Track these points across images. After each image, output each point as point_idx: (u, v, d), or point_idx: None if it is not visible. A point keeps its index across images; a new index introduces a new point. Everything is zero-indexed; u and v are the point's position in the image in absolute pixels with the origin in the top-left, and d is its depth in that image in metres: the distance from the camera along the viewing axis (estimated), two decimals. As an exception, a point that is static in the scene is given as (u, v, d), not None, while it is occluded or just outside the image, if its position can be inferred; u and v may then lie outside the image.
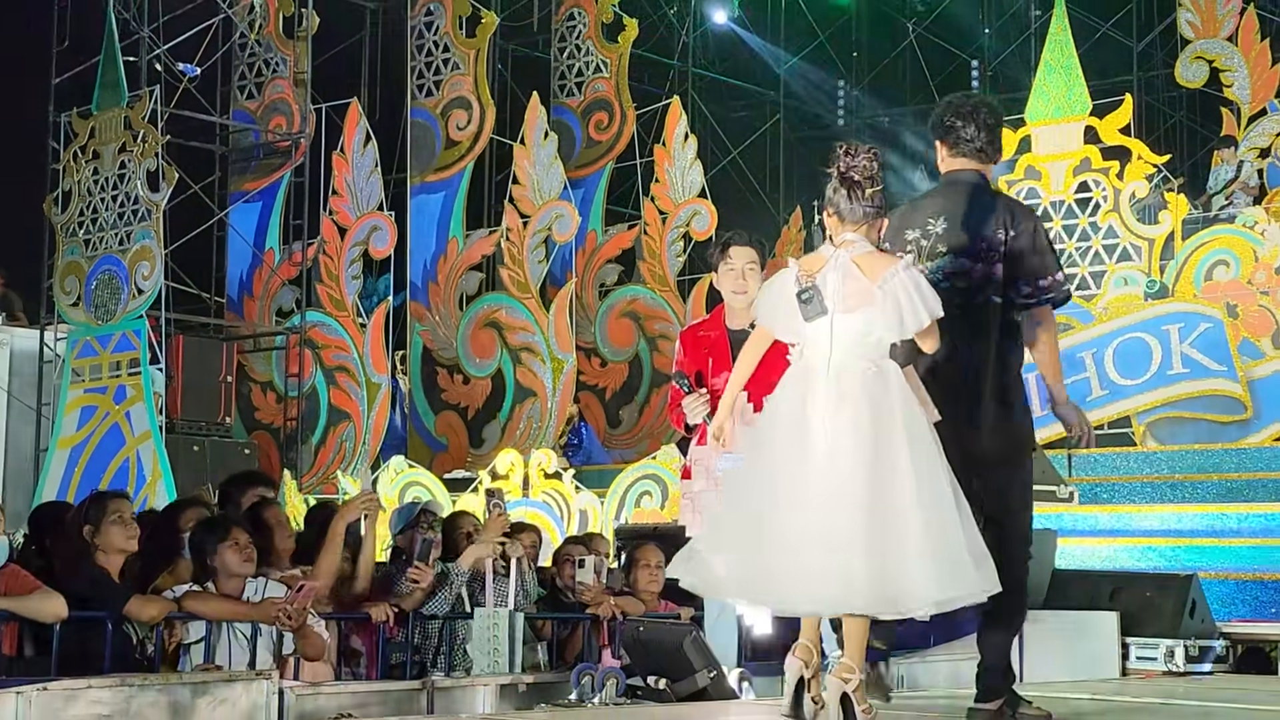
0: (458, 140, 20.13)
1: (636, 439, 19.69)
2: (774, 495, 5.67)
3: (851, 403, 5.67)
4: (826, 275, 5.79)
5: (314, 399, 19.45)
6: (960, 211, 6.30)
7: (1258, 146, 19.94)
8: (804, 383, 5.77)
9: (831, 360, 5.74)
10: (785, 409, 5.78)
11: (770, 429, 5.84)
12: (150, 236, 16.73)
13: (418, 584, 8.47)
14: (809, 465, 5.62)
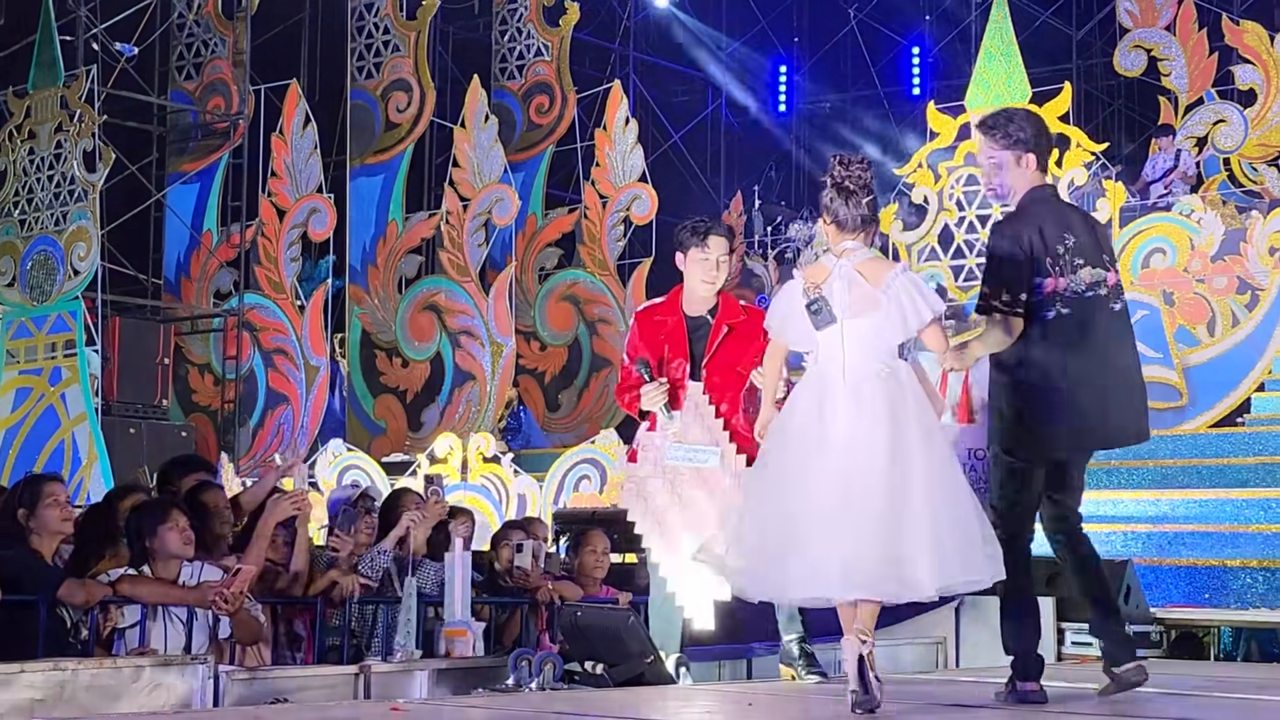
0: (398, 123, 20.05)
1: (575, 423, 19.67)
2: (806, 498, 6.00)
3: (870, 408, 6.01)
4: (833, 284, 6.10)
5: (252, 381, 19.36)
6: (1077, 223, 6.61)
7: (1195, 135, 20.07)
8: (821, 387, 6.11)
9: (846, 365, 6.07)
10: (805, 414, 6.11)
11: (793, 433, 6.15)
12: (86, 217, 16.61)
13: (337, 553, 8.44)
14: (836, 468, 5.96)
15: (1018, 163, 6.63)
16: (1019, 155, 6.62)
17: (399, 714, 5.82)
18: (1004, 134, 6.64)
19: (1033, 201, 6.58)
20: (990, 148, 6.68)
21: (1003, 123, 6.68)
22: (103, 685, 6.56)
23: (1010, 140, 6.63)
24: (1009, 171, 6.63)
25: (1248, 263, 17.48)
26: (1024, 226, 6.49)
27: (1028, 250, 6.42)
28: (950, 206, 19.60)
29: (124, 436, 16.99)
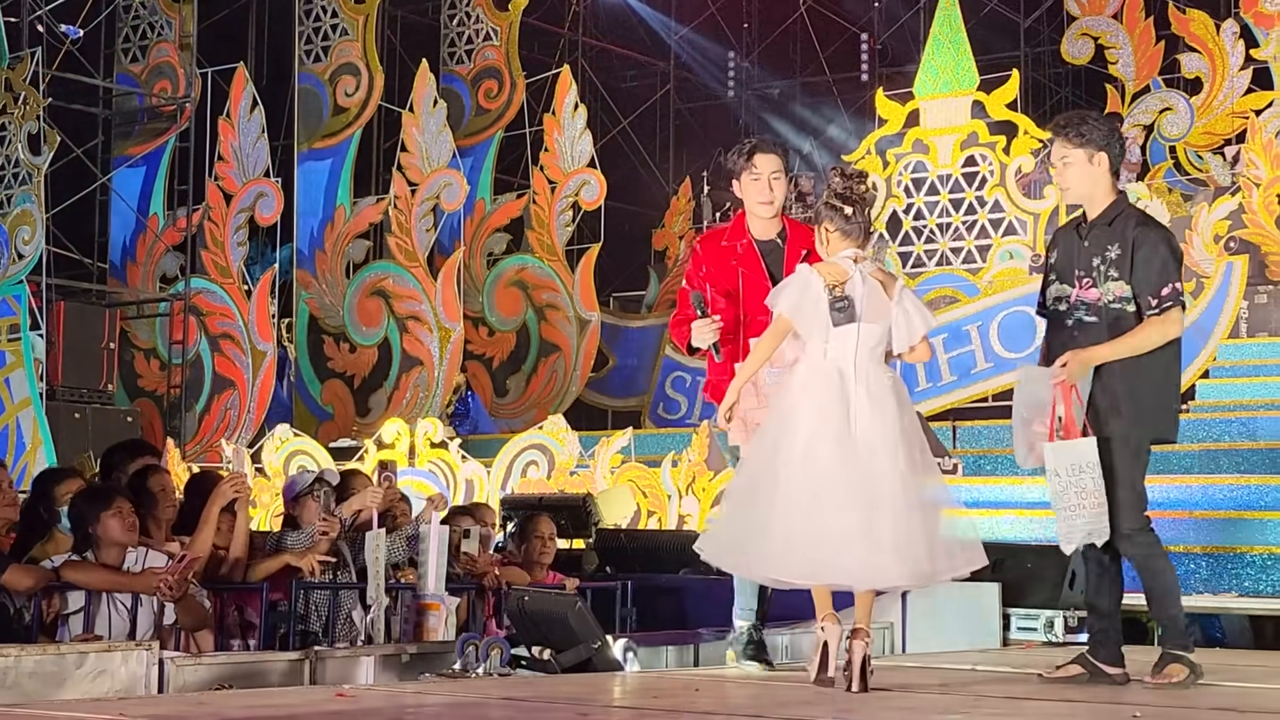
0: (346, 107, 19.99)
1: (523, 408, 19.66)
2: (818, 487, 6.34)
3: (881, 404, 6.42)
4: (856, 287, 6.45)
5: (198, 366, 19.29)
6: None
7: (1141, 123, 20.16)
8: (838, 381, 6.43)
9: (857, 363, 6.44)
10: (826, 401, 6.41)
11: (810, 417, 6.43)
12: (31, 200, 16.50)
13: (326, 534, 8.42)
14: (856, 460, 6.33)
15: (1090, 160, 6.90)
16: (1091, 154, 6.89)
17: (345, 700, 5.81)
18: (1077, 133, 6.91)
19: (1143, 212, 7.07)
20: (1064, 146, 6.94)
21: (1076, 122, 6.97)
22: (46, 672, 6.51)
23: (1084, 139, 6.89)
24: (1081, 169, 6.91)
25: (1193, 250, 17.59)
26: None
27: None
28: (898, 193, 19.66)
29: (69, 421, 16.90)
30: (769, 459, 6.49)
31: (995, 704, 6.06)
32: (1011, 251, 18.97)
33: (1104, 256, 6.86)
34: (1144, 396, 6.85)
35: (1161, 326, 6.79)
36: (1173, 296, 6.78)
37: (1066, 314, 6.96)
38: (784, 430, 6.46)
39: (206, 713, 5.23)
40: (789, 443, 6.42)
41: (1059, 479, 6.82)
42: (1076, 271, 6.93)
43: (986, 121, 19.31)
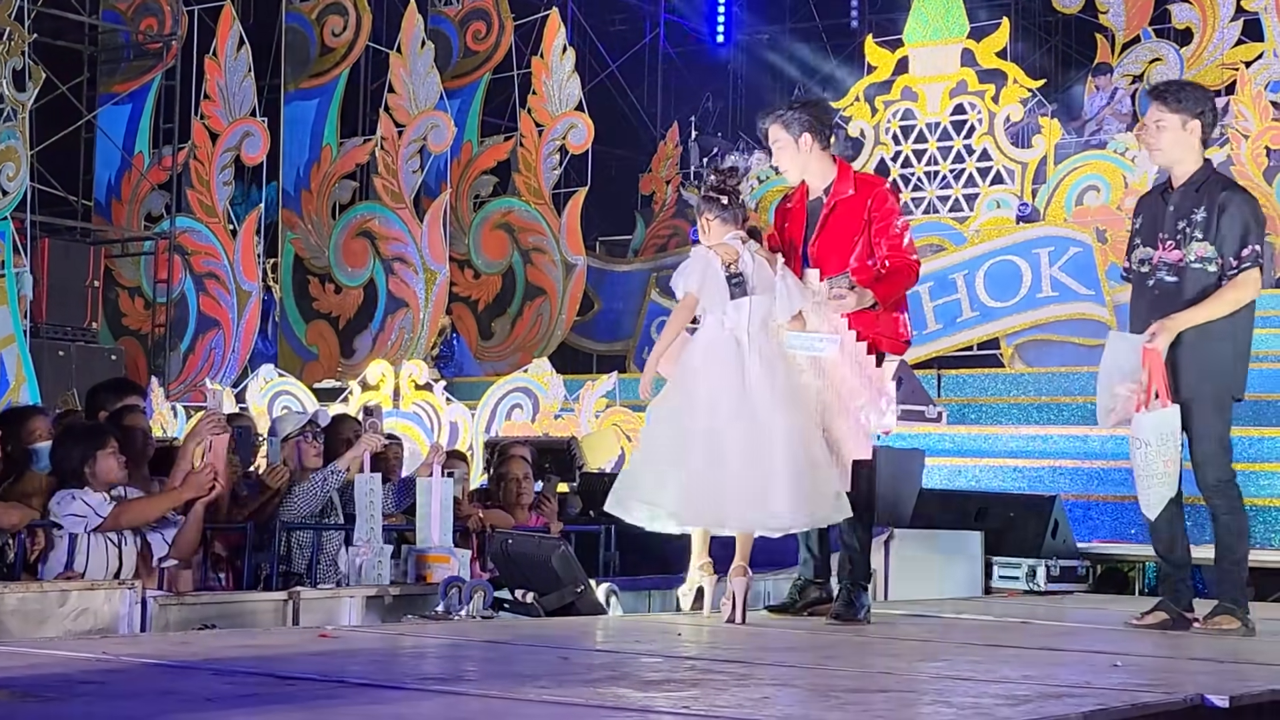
0: (333, 46, 19.89)
1: (508, 351, 19.64)
2: (718, 441, 6.91)
3: (772, 367, 7.03)
4: (746, 264, 7.10)
5: (183, 305, 19.25)
6: None
7: (1131, 74, 20.11)
8: (728, 347, 7.04)
9: (750, 331, 7.04)
10: (717, 366, 7.04)
11: (713, 377, 7.04)
12: (16, 137, 16.42)
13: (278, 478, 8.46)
14: (745, 414, 6.93)
15: (1183, 127, 7.14)
16: (1185, 120, 7.14)
17: (328, 640, 5.81)
18: (1175, 99, 7.17)
19: (1229, 177, 7.38)
20: (1160, 110, 7.18)
21: (1175, 89, 7.29)
22: (29, 610, 6.52)
23: (1180, 105, 7.15)
24: (1174, 134, 7.15)
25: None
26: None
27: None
28: (886, 141, 19.63)
29: (53, 359, 16.87)
30: (672, 417, 7.09)
31: (979, 651, 6.08)
32: (999, 200, 18.95)
33: (1190, 219, 7.08)
34: (1225, 355, 7.05)
35: (1240, 289, 7.00)
36: (1252, 258, 6.99)
37: (1148, 275, 7.19)
38: (686, 391, 7.08)
39: (190, 653, 5.23)
40: (690, 402, 7.03)
41: (1149, 448, 6.96)
42: (1160, 234, 7.16)
43: (976, 70, 19.27)
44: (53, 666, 4.77)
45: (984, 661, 5.63)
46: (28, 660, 4.90)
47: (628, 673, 4.90)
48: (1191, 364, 6.98)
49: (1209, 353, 7.00)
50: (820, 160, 7.37)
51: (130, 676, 4.63)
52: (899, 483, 10.23)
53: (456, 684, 4.56)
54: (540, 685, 4.56)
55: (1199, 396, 6.99)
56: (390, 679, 4.62)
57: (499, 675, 4.82)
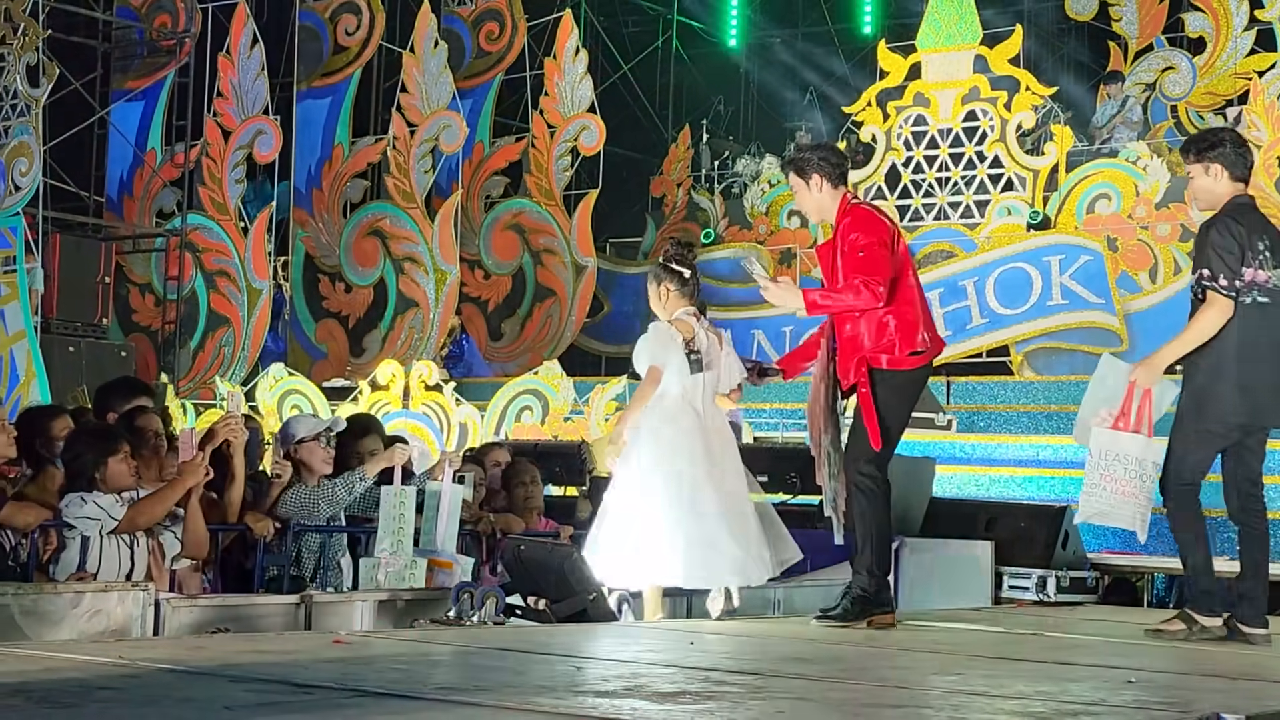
0: (346, 45, 19.91)
1: (518, 352, 19.66)
2: (699, 503, 7.53)
3: (723, 435, 7.85)
4: (701, 340, 7.75)
5: (193, 303, 19.26)
6: (1272, 230, 7.58)
7: (1143, 82, 20.11)
8: (690, 417, 7.69)
9: (704, 402, 7.74)
10: (684, 436, 7.65)
11: (682, 448, 7.63)
12: (29, 132, 16.44)
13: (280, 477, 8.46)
14: (715, 478, 7.60)
15: (1206, 173, 7.50)
16: (1206, 166, 7.50)
17: (342, 645, 5.82)
18: (1196, 151, 7.56)
19: (1235, 206, 7.47)
20: (1187, 165, 7.62)
21: (1193, 142, 7.74)
22: (42, 611, 6.52)
23: (1199, 155, 7.52)
24: (1200, 181, 7.55)
25: (1191, 211, 17.54)
26: (1233, 223, 7.40)
27: (1240, 243, 7.36)
28: (898, 146, 19.63)
29: (63, 354, 16.88)
30: (648, 481, 7.54)
31: (991, 664, 6.08)
32: (1010, 207, 18.95)
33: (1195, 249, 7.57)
34: (1209, 386, 7.37)
35: (1207, 310, 7.33)
36: (1209, 279, 7.29)
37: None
38: (658, 457, 7.58)
39: (205, 657, 5.24)
40: (666, 467, 7.54)
41: (1091, 459, 7.48)
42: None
43: (988, 76, 19.26)
44: (69, 671, 4.77)
45: (997, 675, 5.62)
46: (44, 664, 4.90)
47: (642, 684, 4.90)
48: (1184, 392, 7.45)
49: (1194, 386, 7.39)
50: (832, 199, 7.68)
51: (148, 682, 4.63)
52: (909, 491, 10.22)
53: (473, 694, 4.56)
54: (556, 696, 4.57)
55: (1180, 416, 7.44)
56: (407, 688, 4.63)
57: (514, 685, 4.82)
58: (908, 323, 7.55)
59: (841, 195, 7.68)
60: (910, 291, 7.62)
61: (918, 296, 7.67)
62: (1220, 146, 7.51)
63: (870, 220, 7.61)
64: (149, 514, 7.51)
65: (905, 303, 7.58)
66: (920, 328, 7.59)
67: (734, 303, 19.83)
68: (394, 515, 8.05)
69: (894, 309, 7.52)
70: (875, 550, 7.58)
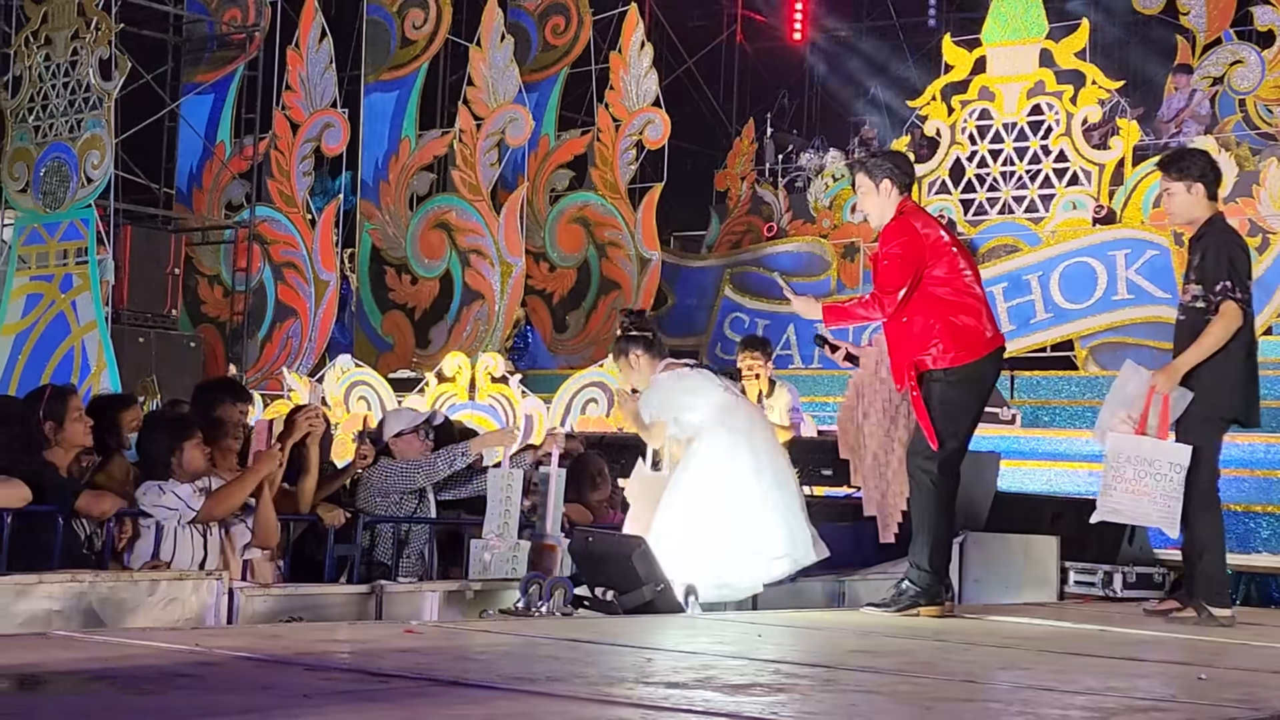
0: (413, 39, 19.99)
1: (583, 345, 19.73)
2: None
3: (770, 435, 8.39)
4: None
5: (261, 294, 19.39)
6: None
7: (1211, 75, 20.00)
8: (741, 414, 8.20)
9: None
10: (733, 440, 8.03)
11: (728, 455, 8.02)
12: (101, 125, 16.58)
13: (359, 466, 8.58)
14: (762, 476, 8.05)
15: (1188, 191, 8.10)
16: (1189, 185, 8.09)
17: (413, 635, 5.89)
18: (1179, 169, 8.13)
19: (1228, 226, 8.21)
20: (1167, 180, 8.18)
21: (1176, 160, 8.29)
22: (119, 598, 6.62)
23: (1183, 174, 8.10)
24: (1181, 198, 8.12)
25: (1260, 205, 17.49)
26: (1242, 241, 8.20)
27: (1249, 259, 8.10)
28: (962, 140, 19.59)
29: (133, 345, 17.02)
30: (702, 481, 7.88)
31: (1058, 660, 6.09)
32: (1075, 202, 18.89)
33: (1191, 264, 8.07)
34: (1211, 385, 7.87)
35: (1222, 320, 7.84)
36: (1224, 291, 7.82)
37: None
38: (710, 459, 7.94)
39: (279, 646, 5.31)
40: (718, 469, 7.90)
41: (1106, 461, 7.92)
42: (1182, 284, 8.18)
43: (1054, 70, 19.20)
44: (148, 658, 4.85)
45: (1065, 670, 5.64)
46: (123, 651, 4.98)
47: (712, 676, 4.94)
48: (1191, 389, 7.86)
49: (1201, 387, 7.84)
50: (891, 204, 8.02)
51: (225, 670, 4.71)
52: (973, 486, 10.20)
53: (543, 684, 4.61)
54: (627, 687, 4.62)
55: (1187, 415, 7.85)
56: (478, 678, 4.68)
57: (585, 676, 4.87)
58: (951, 323, 7.82)
59: (899, 201, 8.01)
60: (957, 293, 7.87)
61: (968, 295, 7.91)
62: (1204, 168, 8.12)
63: (901, 229, 7.94)
64: (226, 504, 7.60)
65: (949, 304, 7.84)
66: (972, 326, 7.86)
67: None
68: (501, 498, 8.10)
69: (936, 311, 7.81)
70: (929, 545, 7.82)
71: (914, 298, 7.84)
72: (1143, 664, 6.10)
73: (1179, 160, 8.28)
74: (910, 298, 7.83)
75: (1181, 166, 8.15)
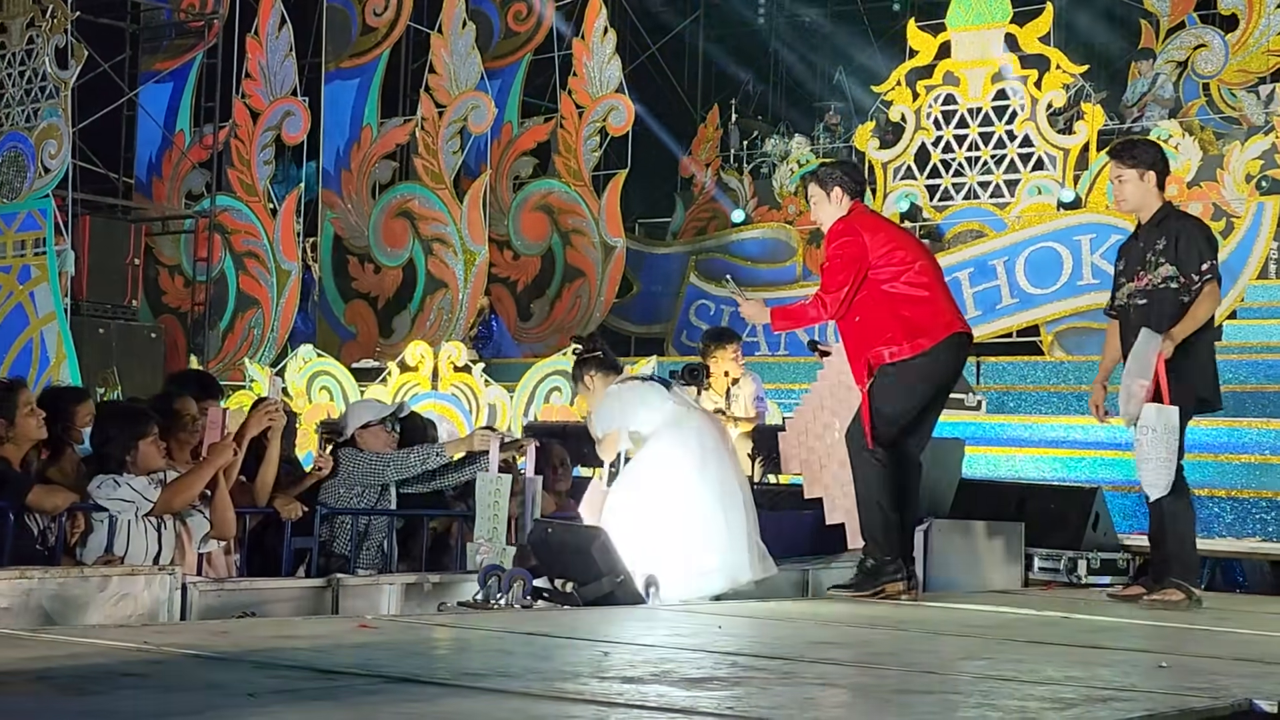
0: (374, 26, 19.87)
1: (547, 333, 19.64)
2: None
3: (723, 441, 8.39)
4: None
5: (222, 284, 19.27)
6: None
7: (1175, 60, 19.98)
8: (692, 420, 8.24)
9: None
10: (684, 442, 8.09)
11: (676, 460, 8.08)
12: (58, 114, 16.44)
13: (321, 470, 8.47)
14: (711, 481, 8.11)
15: (1141, 179, 8.24)
16: (1142, 172, 8.23)
17: (367, 630, 5.80)
18: (1131, 156, 8.29)
19: (1182, 211, 8.45)
20: (1119, 168, 8.31)
21: (1129, 148, 8.46)
22: (69, 595, 6.52)
23: (1135, 161, 8.26)
24: (1133, 185, 8.26)
25: (1224, 189, 17.49)
26: (1204, 224, 8.45)
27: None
28: (928, 125, 19.55)
29: (93, 336, 16.89)
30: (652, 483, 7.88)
31: (1021, 649, 6.04)
32: (1040, 186, 18.87)
33: (1154, 249, 8.13)
34: (1187, 367, 7.98)
35: (1208, 300, 8.03)
36: (1210, 271, 8.03)
37: (1128, 307, 8.25)
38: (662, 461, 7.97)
39: (230, 642, 5.23)
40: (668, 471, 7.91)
41: (1154, 433, 7.86)
42: (1136, 269, 8.23)
43: (1018, 55, 19.17)
44: (94, 657, 4.76)
45: (1026, 660, 5.59)
46: (69, 650, 4.89)
47: (669, 670, 4.87)
48: (1172, 375, 7.89)
49: (1177, 365, 7.92)
50: (840, 210, 8.15)
51: (173, 668, 4.62)
52: (938, 472, 10.15)
53: (498, 680, 4.54)
54: (582, 682, 4.54)
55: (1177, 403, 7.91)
56: (431, 675, 4.61)
57: (540, 671, 4.80)
58: (902, 316, 7.93)
59: (849, 206, 8.15)
60: (909, 285, 7.96)
61: (919, 287, 7.99)
62: (1156, 158, 8.29)
63: (843, 230, 8.07)
64: (182, 496, 7.49)
65: (900, 298, 7.94)
66: (924, 316, 7.95)
67: (765, 282, 19.81)
68: (490, 503, 8.05)
69: (887, 306, 7.92)
70: (881, 520, 7.98)
71: (864, 296, 7.95)
72: (1104, 651, 6.04)
73: (1132, 148, 8.43)
74: (860, 296, 7.95)
75: (1135, 154, 8.31)
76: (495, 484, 8.13)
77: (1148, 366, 7.84)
